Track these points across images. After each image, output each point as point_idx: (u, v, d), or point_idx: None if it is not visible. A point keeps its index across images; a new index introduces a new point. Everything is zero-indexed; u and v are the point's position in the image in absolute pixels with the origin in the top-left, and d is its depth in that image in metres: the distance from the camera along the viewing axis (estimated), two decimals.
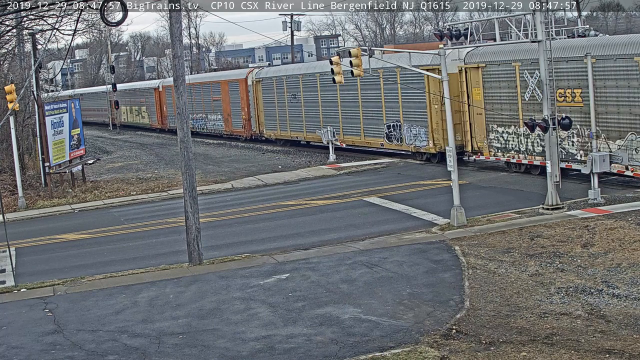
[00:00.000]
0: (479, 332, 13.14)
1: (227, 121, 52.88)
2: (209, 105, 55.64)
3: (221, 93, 53.36)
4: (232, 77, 52.97)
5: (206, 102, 56.05)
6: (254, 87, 48.56)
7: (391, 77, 34.44)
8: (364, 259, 18.33)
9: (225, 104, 52.75)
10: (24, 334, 14.94)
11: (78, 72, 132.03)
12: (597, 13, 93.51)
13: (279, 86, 45.33)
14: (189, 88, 55.93)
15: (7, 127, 33.28)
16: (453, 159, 21.33)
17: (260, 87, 47.81)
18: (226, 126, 53.33)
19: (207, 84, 56.15)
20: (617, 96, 23.84)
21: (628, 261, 16.34)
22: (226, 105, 52.83)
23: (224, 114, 53.37)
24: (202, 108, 57.14)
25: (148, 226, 25.72)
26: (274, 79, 46.06)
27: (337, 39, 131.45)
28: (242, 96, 50.11)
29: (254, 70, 49.89)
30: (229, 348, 13.30)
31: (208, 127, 56.45)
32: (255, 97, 48.66)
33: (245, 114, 49.92)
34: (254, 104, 48.92)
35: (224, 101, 52.90)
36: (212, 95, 54.92)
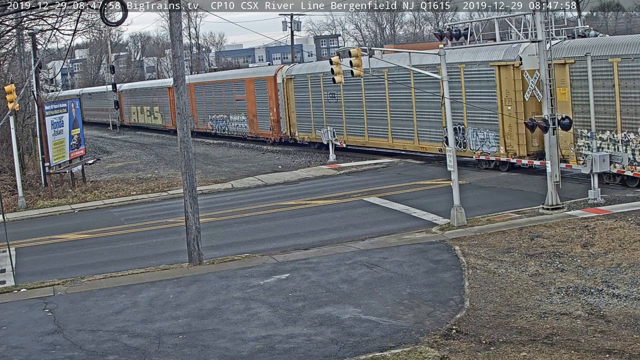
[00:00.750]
0: (479, 332, 13.14)
1: (253, 122, 49.06)
2: (231, 105, 51.98)
3: (245, 92, 49.61)
4: (258, 75, 48.95)
5: (228, 102, 52.45)
6: (285, 86, 44.85)
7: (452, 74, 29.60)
8: (364, 259, 18.33)
9: (251, 103, 49.02)
10: (24, 334, 14.94)
11: (78, 72, 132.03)
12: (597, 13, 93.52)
13: (314, 84, 41.50)
14: (208, 86, 55.65)
15: (7, 127, 33.28)
16: (453, 159, 21.33)
17: (292, 85, 44.08)
18: (251, 128, 49.46)
19: (229, 82, 52.58)
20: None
21: (628, 261, 16.34)
22: (251, 105, 49.03)
23: (248, 114, 49.59)
24: (222, 108, 53.49)
25: (148, 226, 25.72)
26: (308, 77, 42.08)
27: (337, 39, 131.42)
28: (271, 95, 46.25)
29: (285, 67, 46.27)
30: (229, 348, 13.30)
31: (230, 128, 52.64)
32: (286, 96, 45.02)
33: (274, 115, 46.12)
34: (284, 104, 45.23)
35: (249, 101, 49.17)
36: (235, 94, 51.19)
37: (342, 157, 38.36)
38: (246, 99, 49.49)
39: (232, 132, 52.27)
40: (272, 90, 45.99)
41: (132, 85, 77.68)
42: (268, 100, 46.56)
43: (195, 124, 56.52)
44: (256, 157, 42.94)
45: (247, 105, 49.50)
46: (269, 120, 46.69)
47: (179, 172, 26.08)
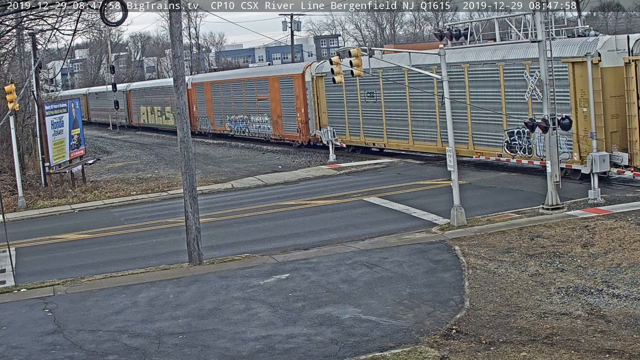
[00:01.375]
0: (479, 332, 13.14)
1: (277, 124, 45.60)
2: (252, 105, 48.59)
3: (269, 91, 46.13)
4: (284, 73, 45.46)
5: (249, 102, 49.03)
6: (314, 84, 41.34)
7: (515, 71, 27.47)
8: (364, 259, 18.33)
9: (275, 103, 45.62)
10: (24, 334, 14.94)
11: (78, 72, 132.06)
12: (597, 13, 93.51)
13: (349, 83, 37.46)
14: (226, 85, 52.51)
15: (7, 127, 33.27)
16: (453, 159, 21.33)
17: (322, 84, 40.43)
18: (275, 130, 46.01)
19: (250, 81, 48.96)
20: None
21: (628, 261, 16.34)
22: (276, 106, 45.60)
23: (272, 115, 46.20)
24: (242, 108, 50.08)
25: (148, 226, 25.72)
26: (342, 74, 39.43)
27: (337, 39, 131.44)
28: (298, 94, 42.84)
29: (314, 64, 42.60)
30: (229, 348, 13.31)
31: (251, 130, 49.33)
32: (315, 95, 41.55)
33: (302, 116, 42.59)
34: (313, 104, 41.85)
35: (273, 100, 45.80)
36: (256, 93, 47.80)
37: (341, 157, 38.35)
38: (270, 98, 46.29)
39: (254, 134, 49.15)
40: (300, 89, 42.63)
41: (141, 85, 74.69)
42: (295, 100, 43.25)
43: (212, 125, 54.83)
44: (256, 157, 42.94)
45: (270, 106, 46.33)
46: (296, 122, 43.32)
47: (179, 172, 26.08)
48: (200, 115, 56.90)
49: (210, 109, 54.77)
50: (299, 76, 42.62)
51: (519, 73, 27.04)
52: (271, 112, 46.29)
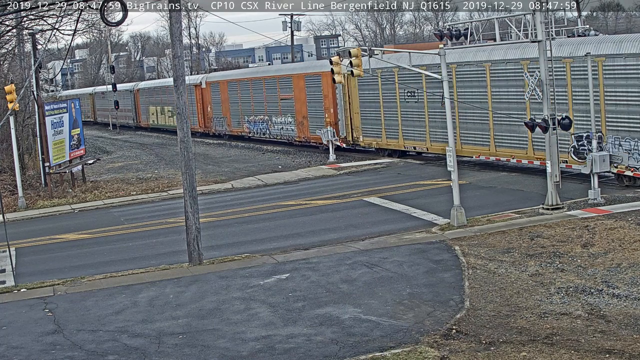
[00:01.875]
0: (479, 332, 13.14)
1: (302, 125, 42.63)
2: (274, 105, 45.70)
3: (293, 90, 43.13)
4: (311, 70, 42.36)
5: (270, 102, 46.12)
6: (346, 82, 38.13)
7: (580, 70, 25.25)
8: (364, 259, 18.33)
9: (300, 103, 42.72)
10: (24, 334, 14.94)
11: (78, 72, 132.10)
12: (597, 13, 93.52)
13: (386, 80, 35.07)
14: (244, 84, 49.44)
15: (7, 127, 33.29)
16: (453, 159, 21.34)
17: (355, 82, 37.57)
18: (300, 131, 43.14)
19: (272, 79, 45.93)
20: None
21: (628, 261, 16.34)
22: (301, 106, 42.70)
23: (296, 116, 43.26)
24: (263, 109, 47.20)
25: (148, 226, 25.72)
26: (378, 72, 34.74)
27: (337, 39, 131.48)
28: (327, 94, 39.84)
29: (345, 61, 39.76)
30: (229, 348, 13.31)
31: (272, 132, 46.46)
32: (347, 94, 38.62)
33: (331, 116, 39.69)
34: (343, 104, 39.15)
35: (298, 100, 42.86)
36: (279, 92, 44.87)
37: (342, 157, 38.35)
38: (294, 97, 43.32)
39: (275, 136, 46.19)
40: (329, 88, 39.40)
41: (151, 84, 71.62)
42: (323, 100, 40.33)
43: (228, 126, 52.46)
44: (256, 157, 42.94)
45: (295, 106, 43.39)
46: (324, 123, 40.37)
47: (179, 172, 26.09)
48: (215, 116, 54.38)
49: (227, 109, 52.38)
50: (327, 74, 37.24)
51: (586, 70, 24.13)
52: (295, 113, 43.44)
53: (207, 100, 55.03)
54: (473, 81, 30.38)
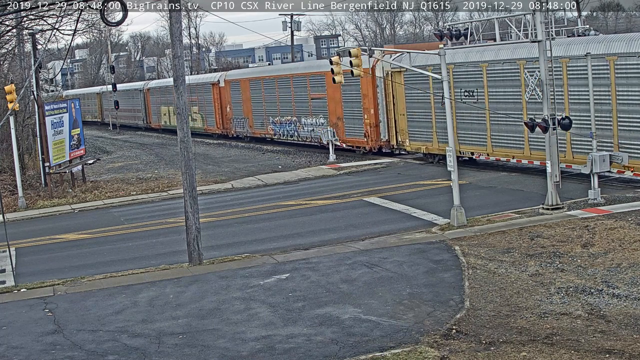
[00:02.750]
0: (479, 332, 13.14)
1: (337, 127, 39.36)
2: (304, 105, 42.48)
3: (326, 89, 39.63)
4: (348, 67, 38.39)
5: (299, 101, 42.90)
6: (388, 81, 35.30)
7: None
8: (364, 259, 18.33)
9: (334, 103, 39.43)
10: (24, 334, 14.94)
11: (78, 72, 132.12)
12: (597, 13, 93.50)
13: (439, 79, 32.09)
14: (269, 82, 46.16)
15: (7, 127, 33.29)
16: (453, 159, 21.34)
17: (401, 80, 34.26)
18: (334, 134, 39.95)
19: (301, 77, 42.21)
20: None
21: (628, 261, 16.34)
22: (335, 106, 39.43)
23: (330, 117, 40.04)
24: (290, 109, 44.02)
25: (148, 226, 25.72)
26: (429, 69, 30.59)
27: (337, 39, 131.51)
28: (366, 93, 36.73)
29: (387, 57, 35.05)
30: (229, 348, 13.31)
31: (301, 134, 43.02)
32: (390, 94, 35.47)
33: (371, 118, 36.63)
34: (386, 104, 36.14)
35: (332, 100, 39.53)
36: (309, 91, 41.50)
37: (341, 157, 38.34)
38: (327, 97, 39.99)
39: (305, 138, 42.71)
40: (369, 87, 36.35)
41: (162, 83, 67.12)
42: (362, 100, 37.14)
43: (250, 128, 49.32)
44: (256, 157, 42.94)
45: (328, 106, 40.11)
46: (362, 125, 37.30)
47: (179, 172, 26.09)
48: (235, 117, 51.23)
49: (249, 109, 49.22)
50: (367, 71, 34.80)
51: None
52: (329, 114, 40.23)
53: (226, 100, 52.20)
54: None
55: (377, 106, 36.64)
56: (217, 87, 53.21)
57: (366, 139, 37.40)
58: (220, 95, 53.08)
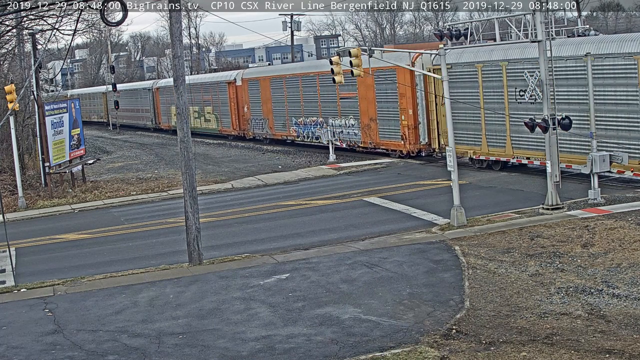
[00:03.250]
0: (479, 332, 13.14)
1: (369, 129, 37.03)
2: (332, 105, 39.98)
3: (358, 87, 37.17)
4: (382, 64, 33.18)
5: (327, 101, 40.32)
6: (429, 78, 32.63)
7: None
8: (364, 259, 18.33)
9: (367, 103, 37.02)
10: (24, 334, 14.94)
11: (78, 72, 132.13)
12: (597, 13, 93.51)
13: (490, 76, 28.99)
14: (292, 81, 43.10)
15: (7, 127, 33.30)
16: (453, 159, 21.34)
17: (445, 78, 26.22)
18: (366, 136, 37.47)
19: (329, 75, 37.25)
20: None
21: (628, 261, 16.34)
22: (367, 106, 36.99)
23: (361, 118, 37.59)
24: (316, 109, 41.20)
25: (148, 226, 25.72)
26: (478, 66, 29.14)
27: (337, 39, 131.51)
28: (404, 92, 34.15)
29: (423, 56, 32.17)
30: (229, 348, 13.31)
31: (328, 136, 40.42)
32: (432, 93, 33.38)
33: (409, 119, 34.32)
34: (426, 104, 33.72)
35: (364, 99, 37.13)
36: (338, 90, 38.82)
37: (342, 157, 38.32)
38: (359, 96, 37.51)
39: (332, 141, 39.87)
40: (407, 85, 33.91)
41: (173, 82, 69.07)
42: (399, 99, 34.63)
43: (270, 129, 46.66)
44: (256, 157, 42.94)
45: (359, 106, 37.66)
46: (399, 127, 34.84)
47: (179, 172, 26.09)
48: (253, 117, 48.51)
49: (269, 109, 46.39)
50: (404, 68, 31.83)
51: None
52: (360, 114, 37.72)
53: (244, 100, 49.36)
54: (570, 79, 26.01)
55: (417, 106, 34.17)
56: (234, 86, 50.75)
57: (403, 141, 34.99)
58: (237, 95, 50.58)
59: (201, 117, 56.08)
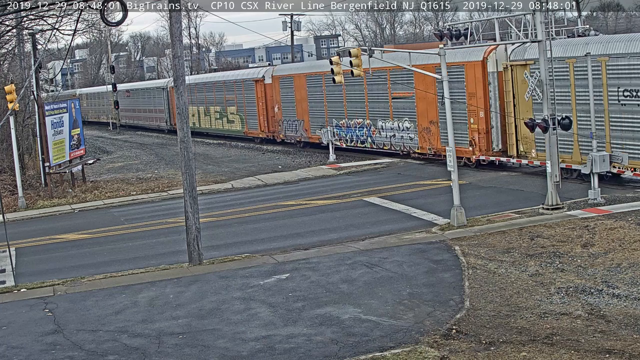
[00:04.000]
0: (479, 332, 13.14)
1: (428, 133, 33.03)
2: (381, 105, 35.93)
3: (415, 86, 32.67)
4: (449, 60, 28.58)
5: (376, 101, 36.29)
6: (506, 76, 28.88)
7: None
8: (364, 259, 18.32)
9: (425, 104, 32.77)
10: (24, 334, 14.94)
11: (78, 72, 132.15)
12: (597, 13, 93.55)
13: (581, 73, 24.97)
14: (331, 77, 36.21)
15: (7, 127, 33.30)
16: (453, 159, 21.34)
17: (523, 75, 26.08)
18: (424, 141, 33.46)
19: (380, 71, 33.19)
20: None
21: (628, 261, 16.34)
22: (426, 107, 32.81)
23: (419, 120, 33.52)
24: (362, 109, 37.24)
25: (148, 226, 25.72)
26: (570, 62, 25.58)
27: (337, 39, 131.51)
28: (473, 91, 30.30)
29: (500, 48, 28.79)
30: (229, 348, 13.31)
31: (377, 140, 36.43)
32: (510, 92, 28.87)
33: (480, 122, 30.27)
34: (500, 105, 29.64)
35: (422, 99, 32.81)
36: (390, 89, 35.08)
37: (342, 157, 38.30)
38: (416, 96, 33.36)
39: (382, 145, 36.13)
40: (478, 84, 29.95)
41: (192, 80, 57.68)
42: (467, 100, 30.83)
43: (306, 132, 42.54)
44: (256, 157, 42.94)
45: (416, 106, 33.61)
46: (467, 131, 30.73)
47: (179, 172, 26.09)
48: (285, 119, 44.46)
49: (304, 110, 42.23)
50: (476, 65, 29.17)
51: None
52: (417, 116, 33.60)
53: (274, 99, 45.44)
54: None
55: (489, 108, 30.00)
56: (262, 84, 46.81)
57: (472, 148, 30.62)
58: (266, 94, 46.45)
59: (223, 118, 52.34)
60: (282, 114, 44.83)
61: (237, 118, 50.34)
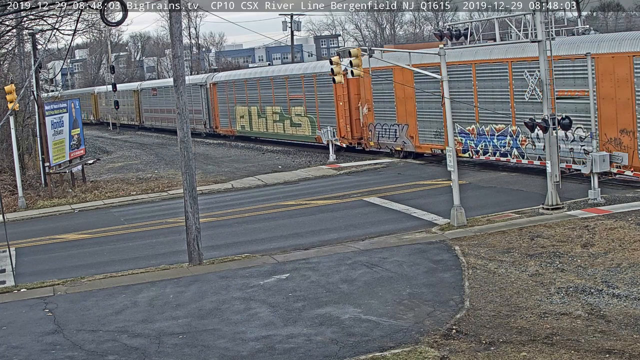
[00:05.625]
0: (479, 332, 13.14)
1: (618, 144, 24.01)
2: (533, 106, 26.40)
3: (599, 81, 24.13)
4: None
5: (523, 102, 27.32)
6: None
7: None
8: (364, 259, 18.33)
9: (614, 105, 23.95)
10: (24, 334, 14.94)
11: (78, 72, 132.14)
12: (597, 13, 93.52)
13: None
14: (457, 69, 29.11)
15: (7, 127, 33.30)
16: (453, 159, 21.34)
17: None
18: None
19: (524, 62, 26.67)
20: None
21: (628, 261, 16.34)
22: (615, 108, 23.92)
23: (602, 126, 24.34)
24: (508, 111, 28.12)
25: (148, 226, 25.72)
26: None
27: (337, 39, 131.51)
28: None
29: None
30: (229, 348, 13.31)
31: (528, 152, 27.54)
32: None
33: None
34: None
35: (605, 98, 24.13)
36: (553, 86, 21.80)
37: (342, 157, 38.29)
38: (599, 94, 24.30)
39: (534, 158, 27.35)
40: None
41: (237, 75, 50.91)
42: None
43: (411, 139, 34.16)
44: (256, 157, 42.93)
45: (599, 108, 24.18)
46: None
47: (179, 172, 26.09)
48: (379, 122, 36.10)
49: (409, 111, 33.80)
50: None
51: None
52: (599, 120, 24.26)
53: (361, 97, 37.30)
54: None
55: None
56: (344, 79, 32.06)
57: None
58: (349, 91, 37.83)
59: (285, 121, 43.97)
60: (373, 116, 36.45)
61: (306, 121, 41.73)
